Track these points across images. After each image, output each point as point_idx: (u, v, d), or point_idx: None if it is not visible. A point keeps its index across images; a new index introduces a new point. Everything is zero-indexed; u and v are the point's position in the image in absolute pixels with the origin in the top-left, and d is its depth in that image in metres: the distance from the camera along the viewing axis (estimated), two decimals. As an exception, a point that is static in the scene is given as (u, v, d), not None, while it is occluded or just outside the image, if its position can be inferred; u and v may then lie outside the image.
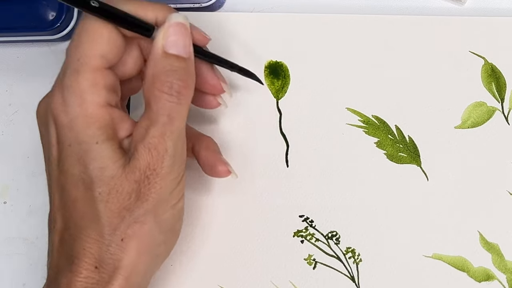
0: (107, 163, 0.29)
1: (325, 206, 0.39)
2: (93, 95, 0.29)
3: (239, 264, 0.38)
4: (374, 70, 0.40)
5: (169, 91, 0.30)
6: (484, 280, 0.37)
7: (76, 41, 0.30)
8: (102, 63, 0.30)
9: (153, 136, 0.29)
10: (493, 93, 0.39)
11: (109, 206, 0.29)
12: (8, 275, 0.41)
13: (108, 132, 0.29)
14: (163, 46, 0.30)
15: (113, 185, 0.29)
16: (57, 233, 0.30)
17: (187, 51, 0.31)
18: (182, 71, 0.30)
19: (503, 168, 0.39)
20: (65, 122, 0.29)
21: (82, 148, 0.29)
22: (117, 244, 0.29)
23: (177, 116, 0.30)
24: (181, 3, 0.41)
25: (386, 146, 0.39)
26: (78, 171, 0.29)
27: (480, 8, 0.41)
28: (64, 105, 0.29)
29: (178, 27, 0.31)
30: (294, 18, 0.41)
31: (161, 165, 0.30)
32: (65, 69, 0.30)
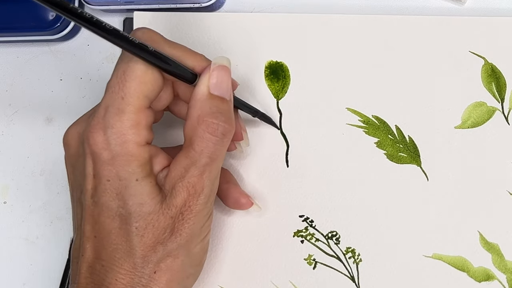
0: (146, 199, 0.30)
1: (325, 206, 0.39)
2: (135, 135, 0.30)
3: (239, 264, 0.38)
4: (374, 70, 0.40)
5: (214, 132, 0.31)
6: (484, 280, 0.37)
7: (121, 78, 0.30)
8: (146, 103, 0.30)
9: (193, 176, 0.30)
10: (493, 93, 0.39)
11: (144, 240, 0.30)
12: (8, 275, 0.41)
13: (147, 169, 0.30)
14: (209, 87, 0.31)
15: (150, 220, 0.30)
16: (86, 262, 0.31)
17: (229, 93, 0.32)
18: (227, 114, 0.31)
19: (503, 168, 0.39)
20: (106, 159, 0.30)
21: (122, 184, 0.30)
22: (149, 276, 0.30)
23: (218, 157, 0.31)
24: (181, 3, 0.41)
25: (386, 146, 0.39)
26: (116, 206, 0.30)
27: (480, 8, 0.41)
28: (107, 143, 0.29)
29: (223, 70, 0.32)
30: (294, 18, 0.41)
31: (196, 202, 0.31)
32: (107, 106, 0.30)
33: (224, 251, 0.38)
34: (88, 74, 0.43)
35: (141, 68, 0.30)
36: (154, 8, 0.41)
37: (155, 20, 0.41)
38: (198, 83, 0.31)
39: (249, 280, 0.38)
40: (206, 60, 0.33)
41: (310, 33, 0.41)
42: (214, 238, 0.38)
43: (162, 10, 0.41)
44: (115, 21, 0.44)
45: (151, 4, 0.41)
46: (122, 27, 0.43)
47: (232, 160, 0.39)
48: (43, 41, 0.44)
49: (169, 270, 0.31)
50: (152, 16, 0.41)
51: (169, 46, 0.31)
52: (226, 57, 0.33)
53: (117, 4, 0.41)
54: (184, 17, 0.41)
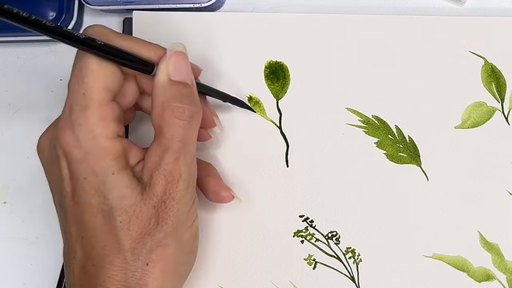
0: (125, 191, 0.30)
1: (325, 206, 0.39)
2: (103, 129, 0.30)
3: (239, 264, 0.38)
4: (374, 70, 0.40)
5: (181, 116, 0.31)
6: (484, 280, 0.37)
7: (78, 75, 0.30)
8: (108, 96, 0.30)
9: (168, 163, 0.30)
10: (493, 93, 0.39)
11: (130, 233, 0.30)
12: (8, 275, 0.41)
13: (122, 162, 0.30)
14: (168, 74, 0.31)
15: (133, 212, 0.30)
16: (77, 264, 0.31)
17: (190, 77, 0.32)
18: (190, 96, 0.32)
19: (503, 168, 0.39)
20: (79, 157, 0.30)
21: (99, 180, 0.29)
22: (142, 269, 0.30)
23: (190, 140, 0.31)
24: (181, 3, 0.41)
25: (386, 146, 0.39)
26: (96, 202, 0.30)
27: (480, 8, 0.41)
28: (76, 141, 0.29)
29: (180, 55, 0.32)
30: (294, 18, 0.41)
31: (176, 189, 0.31)
32: (71, 105, 0.30)
33: (224, 251, 0.38)
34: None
35: (95, 62, 0.30)
36: (154, 8, 0.41)
37: (155, 20, 0.41)
38: (157, 71, 0.31)
39: (249, 280, 0.38)
40: (162, 49, 0.33)
41: (310, 33, 0.41)
42: (214, 238, 0.38)
43: (162, 10, 0.41)
44: (114, 21, 0.44)
45: (151, 4, 0.41)
46: (122, 27, 0.43)
47: (232, 160, 0.39)
48: (43, 41, 0.44)
49: (161, 260, 0.30)
50: (151, 16, 0.41)
51: (120, 39, 0.31)
52: (181, 43, 0.33)
53: (116, 4, 0.41)
54: (184, 17, 0.41)
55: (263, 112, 0.40)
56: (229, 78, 0.40)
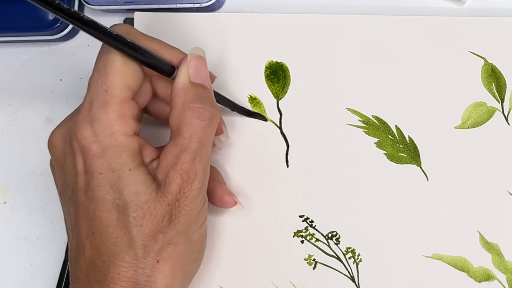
0: (141, 188, 0.30)
1: (325, 206, 0.39)
2: (122, 126, 0.30)
3: (239, 264, 0.38)
4: (374, 70, 0.40)
5: (201, 117, 0.31)
6: (484, 280, 0.37)
7: (102, 72, 0.30)
8: (129, 94, 0.31)
9: (185, 162, 0.31)
10: (493, 93, 0.39)
11: (143, 230, 0.30)
12: (8, 275, 0.41)
13: (138, 159, 0.31)
14: (190, 76, 0.32)
15: (147, 209, 0.30)
16: (86, 260, 0.31)
17: (208, 81, 0.33)
18: (210, 98, 0.32)
19: (503, 168, 0.39)
20: (96, 152, 0.30)
21: (115, 176, 0.30)
22: (152, 266, 0.30)
23: (208, 141, 0.32)
24: (181, 3, 0.41)
25: (386, 146, 0.39)
26: (111, 198, 0.30)
27: (480, 8, 0.41)
28: (95, 136, 0.30)
29: (200, 59, 0.33)
30: (293, 19, 0.41)
31: (190, 188, 0.31)
32: (91, 100, 0.30)
33: (224, 251, 0.38)
34: (88, 74, 0.43)
35: (120, 60, 0.30)
36: (154, 8, 0.41)
37: (155, 20, 0.41)
38: (178, 74, 0.32)
39: (249, 280, 0.38)
40: (182, 53, 0.33)
41: (310, 33, 0.41)
42: (214, 238, 0.38)
43: (162, 10, 0.41)
44: (115, 21, 0.44)
45: (151, 4, 0.41)
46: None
47: (232, 160, 0.39)
48: (43, 41, 0.44)
49: (172, 258, 0.31)
50: (152, 16, 0.41)
51: (146, 39, 0.32)
52: (201, 48, 0.33)
53: (117, 4, 0.41)
54: (184, 17, 0.41)
55: (264, 112, 0.40)
56: (230, 79, 0.40)
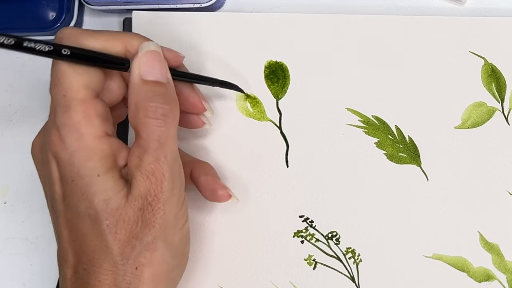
0: (110, 194, 0.29)
1: (325, 206, 0.39)
2: (88, 127, 0.29)
3: (239, 264, 0.38)
4: (374, 70, 0.40)
5: (154, 115, 0.30)
6: (484, 280, 0.37)
7: (55, 79, 0.30)
8: (89, 93, 0.30)
9: (149, 163, 0.30)
10: (493, 93, 0.39)
11: (118, 237, 0.29)
12: (8, 275, 0.41)
13: (108, 163, 0.30)
14: (140, 74, 0.31)
15: (119, 215, 0.29)
16: (70, 268, 0.31)
17: (164, 76, 0.31)
18: (163, 95, 0.31)
19: (503, 168, 0.39)
20: (66, 158, 0.29)
21: (84, 182, 0.29)
22: (131, 273, 0.30)
23: (167, 139, 0.30)
24: (181, 3, 0.41)
25: (386, 146, 0.39)
26: (83, 207, 0.29)
27: (480, 8, 0.41)
28: (63, 142, 0.29)
29: (151, 54, 0.31)
30: (293, 18, 0.41)
31: (160, 190, 0.30)
32: (55, 108, 0.30)
33: (224, 251, 0.38)
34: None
35: (67, 65, 0.29)
36: (154, 8, 0.41)
37: (155, 20, 0.41)
38: (130, 71, 0.31)
39: (249, 280, 0.38)
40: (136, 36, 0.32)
41: (310, 33, 0.41)
42: (214, 238, 0.38)
43: (162, 10, 0.41)
44: (114, 21, 0.44)
45: (151, 4, 0.41)
46: (122, 27, 0.43)
47: (232, 160, 0.39)
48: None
49: (151, 264, 0.30)
50: (151, 16, 0.41)
51: (90, 38, 0.31)
52: (154, 42, 0.32)
53: (116, 4, 0.41)
54: (184, 17, 0.41)
55: (263, 112, 0.40)
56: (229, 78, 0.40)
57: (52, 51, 0.28)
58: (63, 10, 0.42)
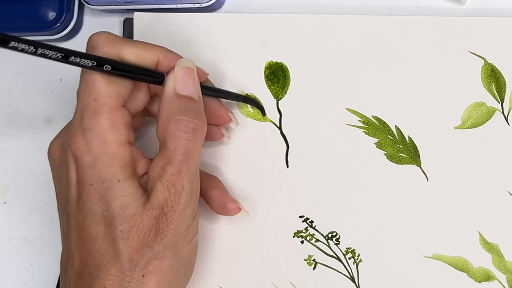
0: (129, 201, 0.30)
1: (325, 206, 0.39)
2: (114, 134, 0.30)
3: (239, 264, 0.38)
4: (374, 71, 0.40)
5: (185, 129, 0.31)
6: (484, 280, 0.37)
7: (88, 81, 0.30)
8: (119, 101, 0.31)
9: (171, 174, 0.30)
10: (493, 94, 0.39)
11: (129, 243, 0.30)
12: (8, 275, 0.41)
13: (129, 171, 0.30)
14: (175, 88, 0.32)
15: (134, 222, 0.30)
16: (74, 271, 0.31)
17: (197, 93, 0.33)
18: (195, 111, 0.32)
19: (503, 168, 0.39)
20: (88, 162, 0.30)
21: (104, 187, 0.30)
22: (138, 280, 0.30)
23: (193, 153, 0.31)
24: (181, 3, 0.41)
25: (386, 146, 0.39)
26: (100, 209, 0.30)
27: (480, 8, 0.41)
28: (87, 146, 0.30)
29: (187, 71, 0.32)
30: (293, 19, 0.41)
31: (178, 202, 0.31)
32: (82, 111, 0.30)
33: (224, 251, 0.38)
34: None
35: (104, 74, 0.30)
36: (154, 8, 0.41)
37: (155, 20, 0.41)
38: (165, 85, 0.32)
39: (249, 280, 0.38)
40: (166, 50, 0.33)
41: (310, 33, 0.41)
42: (214, 238, 0.38)
43: (162, 10, 0.41)
44: (115, 21, 0.44)
45: (151, 4, 0.41)
46: (122, 27, 0.43)
47: (232, 161, 0.39)
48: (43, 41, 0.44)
49: (158, 273, 0.30)
50: (152, 17, 0.41)
51: (127, 46, 0.31)
52: (190, 60, 0.33)
53: (117, 4, 0.41)
54: (184, 17, 0.41)
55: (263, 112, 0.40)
56: (229, 79, 0.40)
57: (95, 66, 0.29)
58: (63, 10, 0.42)
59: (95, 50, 0.31)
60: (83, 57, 0.29)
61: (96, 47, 0.31)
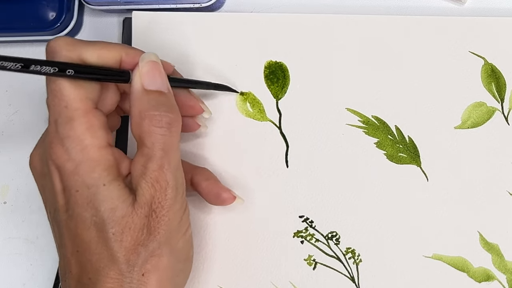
0: (116, 203, 0.30)
1: (325, 206, 0.39)
2: (92, 138, 0.30)
3: (239, 264, 0.38)
4: (374, 70, 0.40)
5: (159, 124, 0.31)
6: (484, 280, 0.37)
7: (55, 91, 0.30)
8: (89, 104, 0.30)
9: (153, 171, 0.30)
10: (493, 93, 0.39)
11: (124, 245, 0.30)
12: (8, 275, 0.41)
13: (113, 173, 0.30)
14: (142, 84, 0.31)
15: (125, 223, 0.30)
16: (74, 278, 0.31)
17: (165, 85, 0.32)
18: (166, 104, 0.31)
19: (503, 168, 0.39)
20: (71, 169, 0.30)
21: (90, 192, 0.29)
22: (138, 280, 0.30)
23: (171, 147, 0.31)
24: (181, 3, 0.41)
25: (386, 146, 0.39)
26: (89, 215, 0.30)
27: (480, 8, 0.41)
28: (67, 154, 0.29)
29: (152, 64, 0.32)
30: (293, 19, 0.41)
31: (165, 197, 0.30)
32: (55, 120, 0.30)
33: (224, 251, 0.38)
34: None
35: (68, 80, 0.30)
36: (154, 8, 0.41)
37: (155, 20, 0.41)
38: (132, 82, 0.32)
39: (249, 280, 0.38)
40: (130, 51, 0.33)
41: (310, 33, 0.41)
42: (214, 238, 0.38)
43: (162, 10, 0.41)
44: (114, 21, 0.44)
45: (151, 4, 0.41)
46: (122, 27, 0.43)
47: (232, 161, 0.39)
48: (43, 41, 0.44)
49: (157, 270, 0.30)
50: (151, 16, 0.41)
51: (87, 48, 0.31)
52: (153, 52, 0.33)
53: (116, 4, 0.41)
54: (184, 17, 0.41)
55: (263, 112, 0.40)
56: (229, 78, 0.40)
57: (57, 72, 0.29)
58: (63, 10, 0.42)
59: (55, 55, 0.30)
60: (44, 65, 0.28)
61: (55, 51, 0.30)
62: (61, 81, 0.30)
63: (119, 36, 0.43)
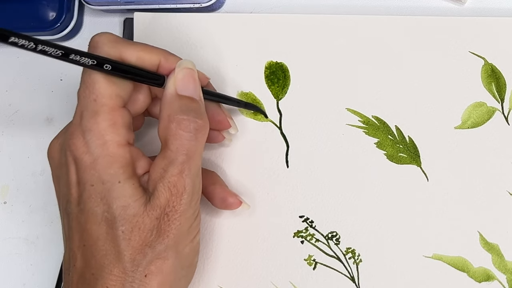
0: (129, 201, 0.30)
1: (325, 206, 0.39)
2: (113, 135, 0.30)
3: (239, 264, 0.38)
4: (374, 71, 0.40)
5: (187, 129, 0.31)
6: (484, 280, 0.37)
7: (88, 82, 0.30)
8: (118, 102, 0.31)
9: (172, 175, 0.30)
10: (493, 94, 0.39)
11: (131, 244, 0.30)
12: (8, 275, 0.41)
13: (129, 171, 0.30)
14: (176, 89, 0.32)
15: (135, 222, 0.30)
16: (77, 272, 0.31)
17: (198, 93, 0.32)
18: (196, 110, 0.32)
19: (503, 168, 0.39)
20: (88, 163, 0.30)
21: (105, 188, 0.30)
22: (140, 280, 0.30)
23: (195, 153, 0.31)
24: (181, 3, 0.41)
25: (386, 146, 0.39)
26: (101, 210, 0.30)
27: (480, 8, 0.41)
28: (87, 147, 0.30)
29: (188, 71, 0.32)
30: (293, 19, 0.41)
31: (179, 202, 0.31)
32: (81, 111, 0.30)
33: (224, 251, 0.38)
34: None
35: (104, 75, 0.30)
36: (154, 8, 0.41)
37: (155, 20, 0.41)
38: (166, 86, 0.32)
39: (249, 280, 0.38)
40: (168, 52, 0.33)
41: (310, 33, 0.41)
42: (214, 238, 0.38)
43: (162, 10, 0.41)
44: (115, 21, 0.44)
45: (151, 4, 0.41)
46: (123, 27, 0.43)
47: (232, 161, 0.39)
48: (43, 41, 0.44)
49: (160, 273, 0.30)
50: (152, 17, 0.41)
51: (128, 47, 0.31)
52: (190, 60, 0.33)
53: (117, 4, 0.41)
54: (184, 17, 0.41)
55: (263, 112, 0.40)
56: (229, 79, 0.40)
57: (95, 66, 0.29)
58: (63, 10, 0.42)
59: (96, 50, 0.31)
60: (83, 56, 0.29)
61: (97, 47, 0.31)
62: (96, 74, 0.30)
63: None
